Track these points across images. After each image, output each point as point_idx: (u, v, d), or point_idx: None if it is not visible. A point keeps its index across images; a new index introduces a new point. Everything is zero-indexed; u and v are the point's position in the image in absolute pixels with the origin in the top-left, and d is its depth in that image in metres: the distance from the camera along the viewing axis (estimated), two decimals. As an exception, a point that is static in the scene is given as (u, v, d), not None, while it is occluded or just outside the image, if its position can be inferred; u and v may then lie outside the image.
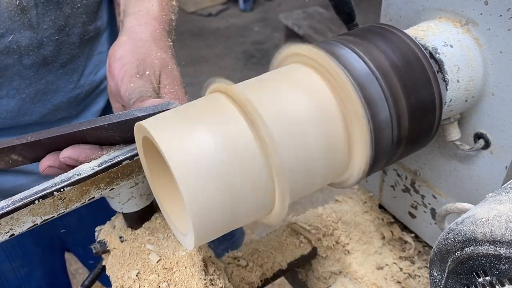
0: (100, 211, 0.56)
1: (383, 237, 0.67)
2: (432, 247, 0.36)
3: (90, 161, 0.45)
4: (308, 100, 0.38)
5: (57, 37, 0.65)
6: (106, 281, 0.54)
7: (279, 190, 0.37)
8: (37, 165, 0.47)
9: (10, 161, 0.47)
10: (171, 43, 0.58)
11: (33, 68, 0.65)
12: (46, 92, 0.68)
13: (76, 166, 0.45)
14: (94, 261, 0.94)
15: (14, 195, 0.42)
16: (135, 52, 0.52)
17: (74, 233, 0.88)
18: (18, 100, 0.67)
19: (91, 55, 0.73)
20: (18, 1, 0.58)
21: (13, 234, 0.43)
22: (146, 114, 0.43)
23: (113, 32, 0.77)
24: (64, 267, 0.97)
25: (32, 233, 0.81)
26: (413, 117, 0.41)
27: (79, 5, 0.66)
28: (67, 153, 0.45)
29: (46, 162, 0.46)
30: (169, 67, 0.53)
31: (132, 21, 0.58)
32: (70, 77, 0.71)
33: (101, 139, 0.46)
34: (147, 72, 0.51)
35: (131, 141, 0.46)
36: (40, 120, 0.70)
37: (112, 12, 0.77)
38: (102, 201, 0.49)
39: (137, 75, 0.50)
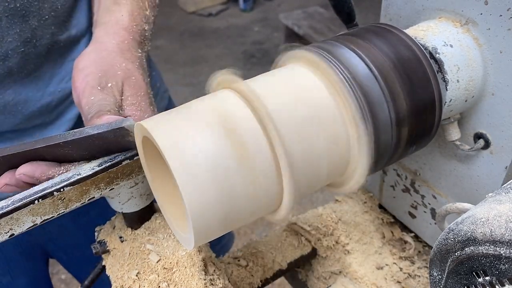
0: (82, 217, 0.55)
1: (383, 237, 0.67)
2: (432, 247, 0.36)
3: (47, 179, 0.45)
4: (308, 100, 0.38)
5: (22, 49, 0.63)
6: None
7: (288, 188, 0.37)
8: None
9: None
10: (141, 54, 0.57)
11: None
12: (16, 103, 0.67)
13: (33, 184, 0.45)
14: (78, 267, 0.92)
15: None
16: (99, 63, 0.52)
17: (56, 239, 0.86)
18: None
19: (63, 63, 0.71)
20: None
21: (13, 234, 0.43)
22: (100, 131, 0.43)
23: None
24: (47, 274, 0.96)
25: (14, 241, 0.78)
26: (413, 117, 0.41)
27: (47, 17, 0.64)
28: (23, 170, 0.45)
29: (3, 180, 0.46)
30: (133, 78, 0.52)
31: (101, 31, 0.57)
32: (37, 85, 0.69)
33: (59, 156, 0.46)
34: (109, 84, 0.50)
35: (89, 158, 0.46)
36: (13, 129, 0.69)
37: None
38: (83, 206, 0.49)
39: (99, 88, 0.49)
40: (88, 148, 0.45)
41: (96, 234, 0.57)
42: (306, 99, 0.38)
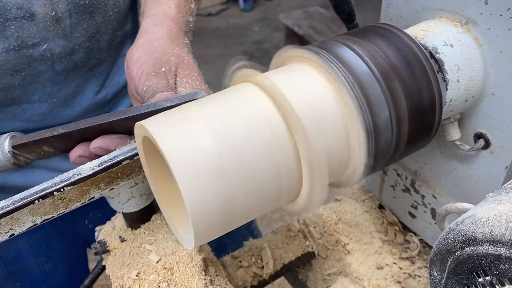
0: None
1: (383, 237, 0.67)
2: (432, 247, 0.36)
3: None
4: (313, 98, 0.38)
5: (88, 44, 0.68)
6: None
7: (308, 177, 0.37)
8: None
9: (42, 153, 0.49)
10: (187, 41, 0.60)
11: (64, 73, 0.68)
12: (75, 96, 0.72)
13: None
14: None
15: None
16: (152, 52, 0.55)
17: None
18: (50, 104, 0.70)
19: (117, 58, 0.77)
20: (53, 12, 0.61)
21: (13, 234, 0.43)
22: (173, 104, 0.45)
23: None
24: (86, 264, 1.00)
25: (58, 230, 0.83)
26: (413, 117, 0.41)
27: (110, 13, 0.69)
28: (98, 143, 0.47)
29: (77, 152, 0.48)
30: (185, 61, 0.55)
31: (149, 23, 0.60)
32: (97, 80, 0.74)
33: (130, 129, 0.47)
34: (163, 69, 0.53)
35: None
36: (70, 121, 0.72)
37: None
38: None
39: (153, 73, 0.52)
40: None
41: (96, 234, 0.58)
42: (312, 97, 0.38)
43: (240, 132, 0.36)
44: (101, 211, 0.83)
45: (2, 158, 0.49)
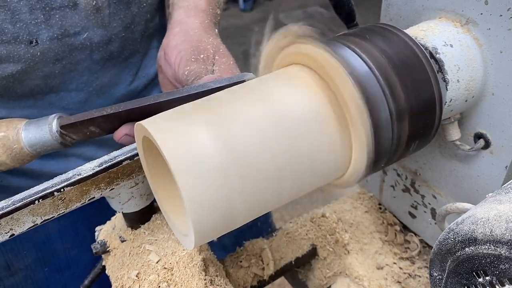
0: None
1: (383, 237, 0.67)
2: (432, 247, 0.36)
3: None
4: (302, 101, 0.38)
5: (123, 34, 0.70)
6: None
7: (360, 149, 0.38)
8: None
9: (88, 133, 0.50)
10: (217, 32, 0.63)
11: (101, 62, 0.70)
12: (110, 85, 0.73)
13: None
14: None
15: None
16: (189, 40, 0.57)
17: None
18: (86, 93, 0.71)
19: (148, 50, 0.78)
20: (94, 2, 0.63)
21: (13, 234, 0.43)
22: (221, 85, 0.45)
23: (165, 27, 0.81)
24: None
25: (84, 217, 0.84)
26: (413, 117, 0.41)
27: (144, 4, 0.71)
28: None
29: (124, 130, 0.49)
30: (221, 49, 0.57)
31: (181, 14, 0.63)
32: (130, 70, 0.76)
33: None
34: (202, 56, 0.55)
35: None
36: None
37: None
38: None
39: (192, 59, 0.54)
40: None
41: (96, 234, 0.58)
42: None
43: (241, 131, 0.36)
44: None
45: (51, 137, 0.50)
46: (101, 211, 0.50)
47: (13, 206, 0.42)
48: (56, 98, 0.69)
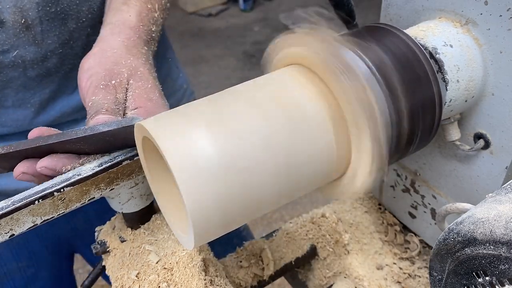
0: (108, 212, 0.57)
1: (383, 237, 0.67)
2: (432, 247, 0.36)
3: (67, 171, 0.46)
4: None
5: (61, 50, 0.66)
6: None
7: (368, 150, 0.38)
8: None
9: None
10: (146, 51, 0.58)
11: (37, 79, 0.67)
12: (50, 101, 0.70)
13: (53, 176, 0.45)
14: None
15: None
16: (103, 63, 0.53)
17: (82, 235, 0.88)
18: (24, 110, 0.69)
19: None
20: (23, 20, 0.60)
21: (13, 235, 0.43)
22: (110, 129, 0.44)
23: None
24: (71, 269, 0.98)
25: (39, 234, 0.81)
26: (413, 117, 0.41)
27: (84, 19, 0.67)
28: (44, 163, 0.45)
29: (20, 168, 0.46)
30: (139, 72, 0.53)
31: (107, 31, 0.58)
32: (72, 85, 0.72)
33: (72, 151, 0.46)
34: (113, 82, 0.51)
35: (102, 152, 0.47)
36: (47, 124, 0.72)
37: None
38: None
39: (101, 86, 0.50)
40: (97, 144, 0.46)
41: (96, 234, 0.58)
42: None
43: (241, 131, 0.36)
44: (83, 214, 0.81)
45: None
46: (56, 226, 0.46)
47: (13, 206, 0.42)
48: None
